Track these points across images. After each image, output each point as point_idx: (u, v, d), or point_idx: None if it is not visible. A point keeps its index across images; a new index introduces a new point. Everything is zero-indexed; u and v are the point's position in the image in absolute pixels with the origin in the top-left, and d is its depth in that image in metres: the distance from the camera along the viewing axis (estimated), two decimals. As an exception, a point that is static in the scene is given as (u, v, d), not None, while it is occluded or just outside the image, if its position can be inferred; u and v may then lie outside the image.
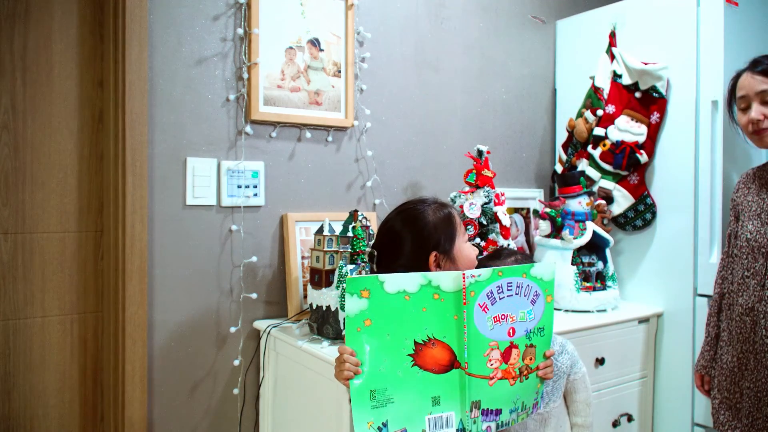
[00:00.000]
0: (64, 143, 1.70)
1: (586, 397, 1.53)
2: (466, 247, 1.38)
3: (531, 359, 1.20)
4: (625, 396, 2.08)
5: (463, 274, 1.11)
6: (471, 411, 1.14)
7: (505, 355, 1.16)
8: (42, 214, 1.67)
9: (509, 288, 1.15)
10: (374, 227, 2.03)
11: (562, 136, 2.50)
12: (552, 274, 1.21)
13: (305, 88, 1.95)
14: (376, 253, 1.36)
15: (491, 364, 1.15)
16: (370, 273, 1.41)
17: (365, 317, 1.09)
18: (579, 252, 2.14)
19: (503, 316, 1.15)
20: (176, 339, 1.77)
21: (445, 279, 1.12)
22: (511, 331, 1.16)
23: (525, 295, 1.18)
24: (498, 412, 1.18)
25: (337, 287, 1.60)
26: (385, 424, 1.09)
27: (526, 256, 1.64)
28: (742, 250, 1.60)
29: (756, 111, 1.54)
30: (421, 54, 2.24)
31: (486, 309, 1.13)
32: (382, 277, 1.09)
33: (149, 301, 1.72)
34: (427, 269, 1.32)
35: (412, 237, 1.33)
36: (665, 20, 2.17)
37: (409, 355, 1.11)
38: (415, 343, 1.11)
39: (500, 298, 1.14)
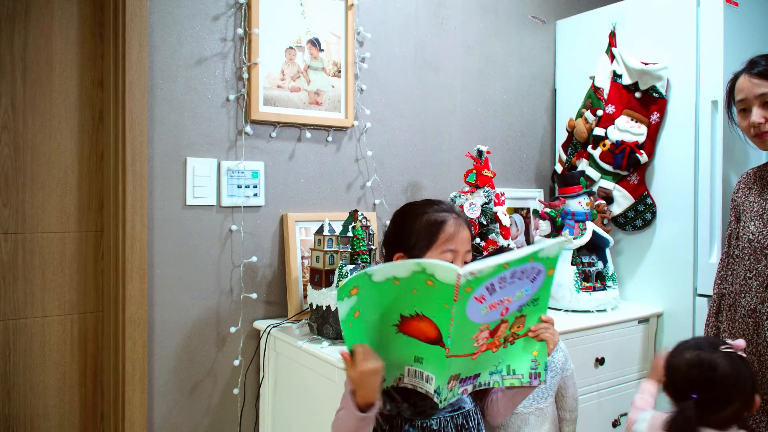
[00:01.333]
0: (64, 143, 1.70)
1: (575, 392, 1.58)
2: None
3: (519, 327, 1.17)
4: (625, 396, 2.08)
5: (458, 274, 1.00)
6: (449, 383, 1.12)
7: (494, 332, 1.13)
8: (42, 214, 1.67)
9: (512, 276, 1.08)
10: (374, 227, 2.03)
11: (562, 136, 2.50)
12: (558, 250, 1.14)
13: (305, 88, 1.95)
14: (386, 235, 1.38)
15: (477, 343, 1.11)
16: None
17: (354, 311, 1.07)
18: (579, 252, 2.14)
19: (500, 302, 1.10)
20: (176, 339, 1.77)
21: (441, 270, 1.02)
22: (504, 311, 1.12)
23: (527, 278, 1.11)
24: (476, 376, 1.17)
25: (337, 287, 1.60)
26: None
27: None
28: (744, 251, 1.60)
29: (756, 114, 1.52)
30: (421, 54, 2.24)
31: (483, 300, 1.07)
32: (371, 269, 1.06)
33: (149, 301, 1.72)
34: None
35: (396, 231, 1.35)
36: (665, 20, 2.17)
37: (395, 325, 1.10)
38: (402, 316, 1.09)
39: (500, 288, 1.08)
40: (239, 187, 1.85)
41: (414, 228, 1.30)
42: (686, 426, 1.18)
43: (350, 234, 1.68)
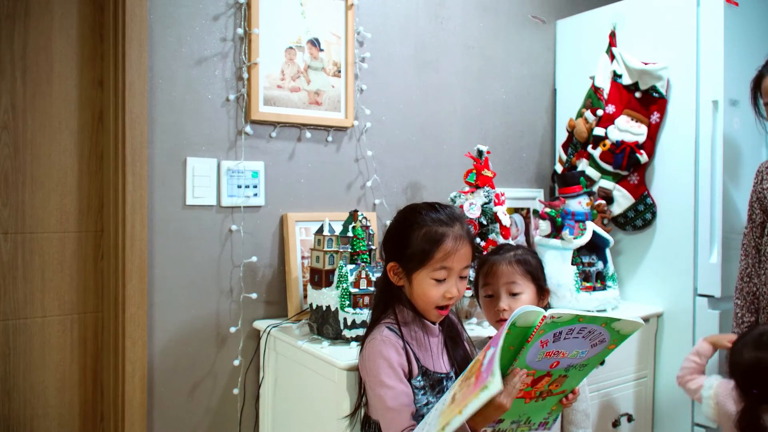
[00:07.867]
0: (64, 143, 1.70)
1: (586, 407, 1.52)
2: (428, 283, 1.26)
3: (557, 386, 1.16)
4: (625, 396, 2.08)
5: (544, 316, 1.01)
6: None
7: (536, 381, 1.11)
8: (42, 214, 1.67)
9: (580, 332, 1.07)
10: (374, 227, 2.03)
11: (562, 136, 2.50)
12: (632, 332, 1.13)
13: (305, 88, 1.95)
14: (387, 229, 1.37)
15: None
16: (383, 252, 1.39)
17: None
18: (579, 252, 2.14)
19: (556, 353, 1.08)
20: (176, 339, 1.77)
21: (523, 316, 1.03)
22: (555, 364, 1.10)
23: (590, 340, 1.10)
24: (499, 420, 1.16)
25: (337, 287, 1.60)
26: None
27: (528, 250, 1.59)
28: None
29: None
30: (421, 54, 2.24)
31: (545, 345, 1.05)
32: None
33: (149, 301, 1.72)
34: (386, 274, 1.32)
35: (394, 236, 1.33)
36: (665, 20, 2.17)
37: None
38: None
39: (565, 338, 1.07)
40: (239, 187, 1.85)
41: (411, 239, 1.27)
42: (752, 418, 1.44)
43: (350, 234, 1.68)
